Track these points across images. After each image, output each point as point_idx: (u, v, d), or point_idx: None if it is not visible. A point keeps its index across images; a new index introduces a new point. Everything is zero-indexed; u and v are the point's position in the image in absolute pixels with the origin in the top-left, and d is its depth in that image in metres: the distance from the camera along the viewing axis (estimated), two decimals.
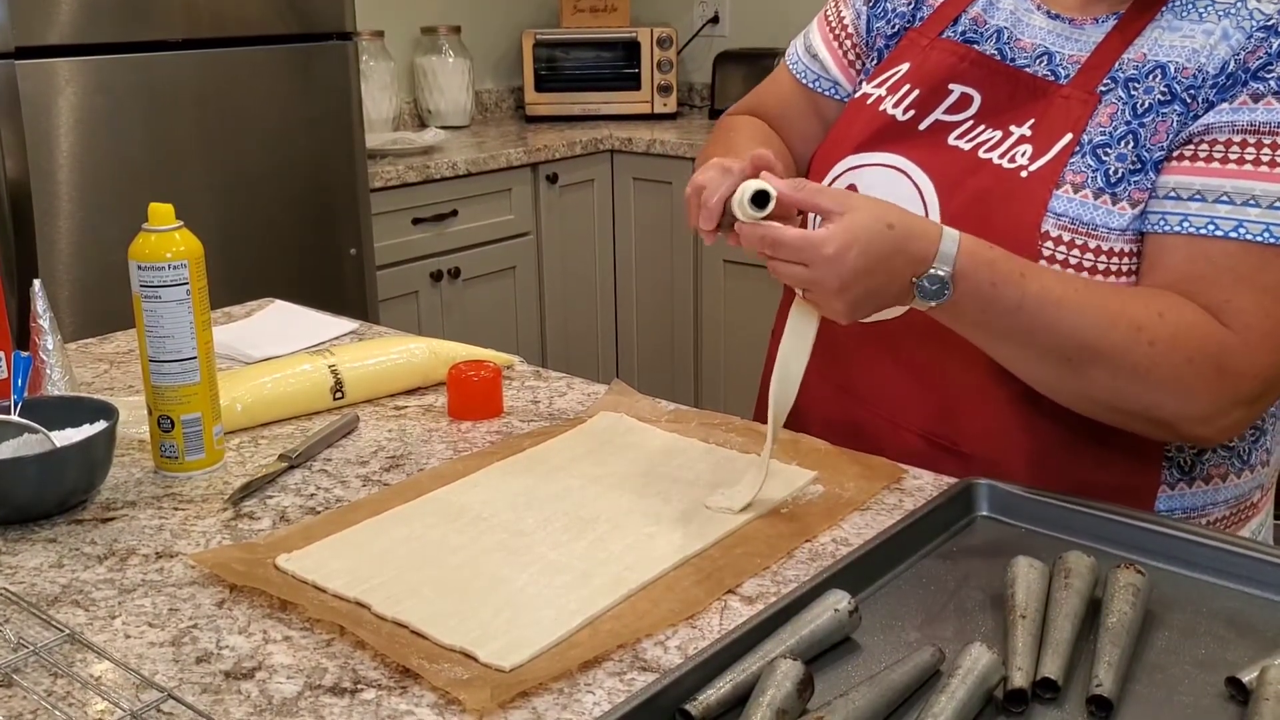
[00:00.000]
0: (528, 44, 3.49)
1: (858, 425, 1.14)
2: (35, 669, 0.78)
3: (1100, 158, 1.02)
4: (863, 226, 0.91)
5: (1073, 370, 0.98)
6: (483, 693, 0.73)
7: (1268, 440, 1.09)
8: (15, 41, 2.04)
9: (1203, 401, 0.96)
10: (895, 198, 1.06)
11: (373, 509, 0.99)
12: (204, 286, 1.05)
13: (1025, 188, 1.03)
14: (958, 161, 1.08)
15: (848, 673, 0.78)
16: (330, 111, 2.51)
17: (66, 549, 0.94)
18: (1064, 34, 1.08)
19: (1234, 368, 0.95)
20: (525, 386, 1.30)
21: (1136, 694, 0.75)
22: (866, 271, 0.91)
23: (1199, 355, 0.95)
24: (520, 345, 3.12)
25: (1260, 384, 0.96)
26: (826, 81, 1.30)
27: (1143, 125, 1.01)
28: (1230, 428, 0.99)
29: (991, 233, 0.99)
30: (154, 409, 1.06)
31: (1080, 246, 1.01)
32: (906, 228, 0.93)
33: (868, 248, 0.91)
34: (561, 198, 3.16)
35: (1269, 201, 0.95)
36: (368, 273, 2.62)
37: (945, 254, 0.93)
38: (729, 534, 0.94)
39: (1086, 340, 0.95)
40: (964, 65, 1.13)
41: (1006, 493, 0.98)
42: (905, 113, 1.14)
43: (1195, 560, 0.90)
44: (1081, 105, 1.04)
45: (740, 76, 3.47)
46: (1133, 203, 1.00)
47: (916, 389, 1.10)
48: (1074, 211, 1.01)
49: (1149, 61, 1.02)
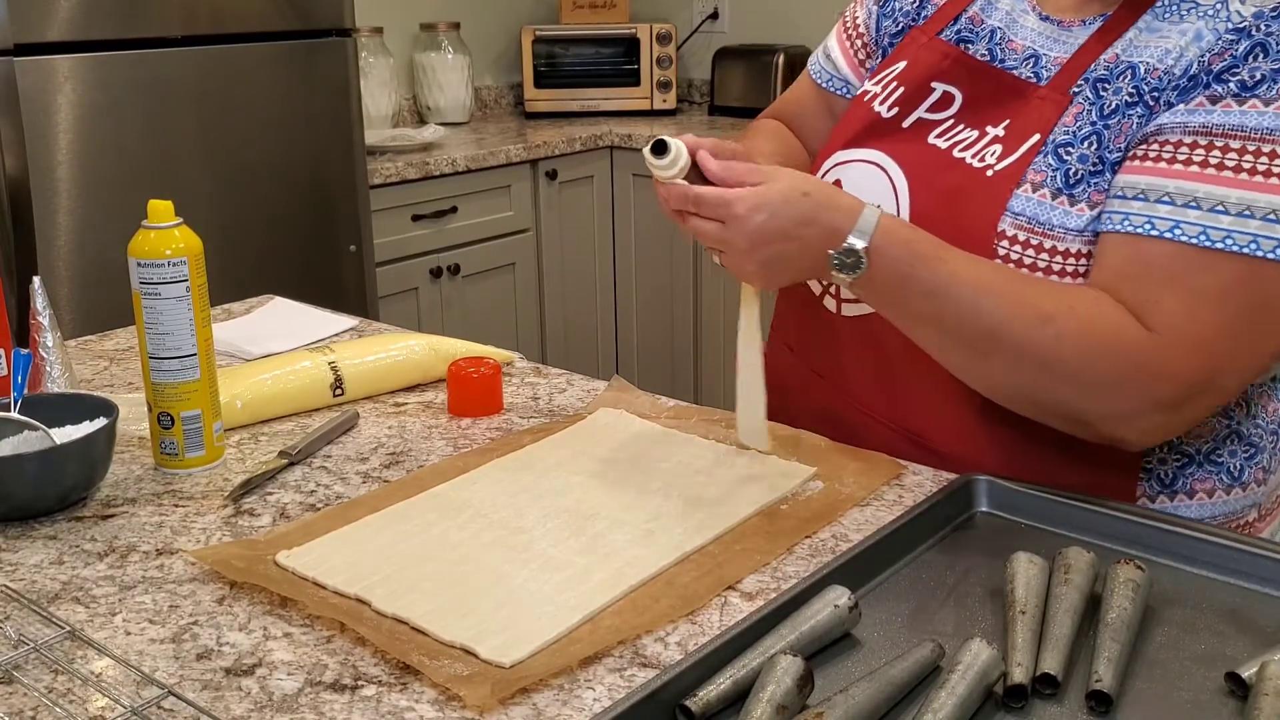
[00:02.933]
0: (527, 40, 3.48)
1: (836, 414, 1.15)
2: (36, 666, 0.78)
3: (1062, 158, 1.01)
4: (776, 190, 0.95)
5: (981, 358, 0.98)
6: (483, 689, 0.73)
7: (1264, 458, 1.06)
8: (14, 38, 2.04)
9: (1115, 400, 0.95)
10: (872, 192, 1.08)
11: (373, 505, 0.99)
12: (204, 283, 1.05)
13: (989, 186, 1.03)
14: (933, 159, 1.09)
15: (848, 668, 0.78)
16: (329, 108, 2.50)
17: (67, 546, 0.94)
18: (1053, 36, 1.08)
19: (1149, 368, 0.93)
20: (525, 383, 1.30)
21: (1136, 689, 0.75)
22: (778, 234, 0.95)
23: (1109, 352, 0.93)
24: (520, 342, 3.12)
25: (1181, 388, 0.94)
26: (839, 81, 1.32)
27: (1107, 127, 1.00)
28: (1152, 430, 0.97)
29: (955, 230, 1.00)
30: (154, 406, 1.06)
31: (1035, 246, 1.00)
32: (823, 197, 0.96)
33: (778, 210, 0.94)
34: (561, 194, 3.16)
35: (1210, 205, 0.93)
36: (367, 269, 2.63)
37: (862, 229, 0.96)
38: (729, 530, 0.94)
39: (992, 327, 0.95)
40: (946, 64, 1.14)
41: (1006, 488, 0.98)
42: (890, 110, 1.15)
43: (1195, 556, 0.90)
44: (1054, 106, 1.03)
45: (740, 73, 3.47)
46: (1091, 204, 0.99)
47: (892, 383, 1.11)
48: (1031, 211, 1.01)
49: (1121, 62, 1.01)
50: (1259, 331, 0.94)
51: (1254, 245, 0.92)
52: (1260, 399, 1.06)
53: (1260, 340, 0.95)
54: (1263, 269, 0.92)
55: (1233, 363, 0.95)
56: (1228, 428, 1.05)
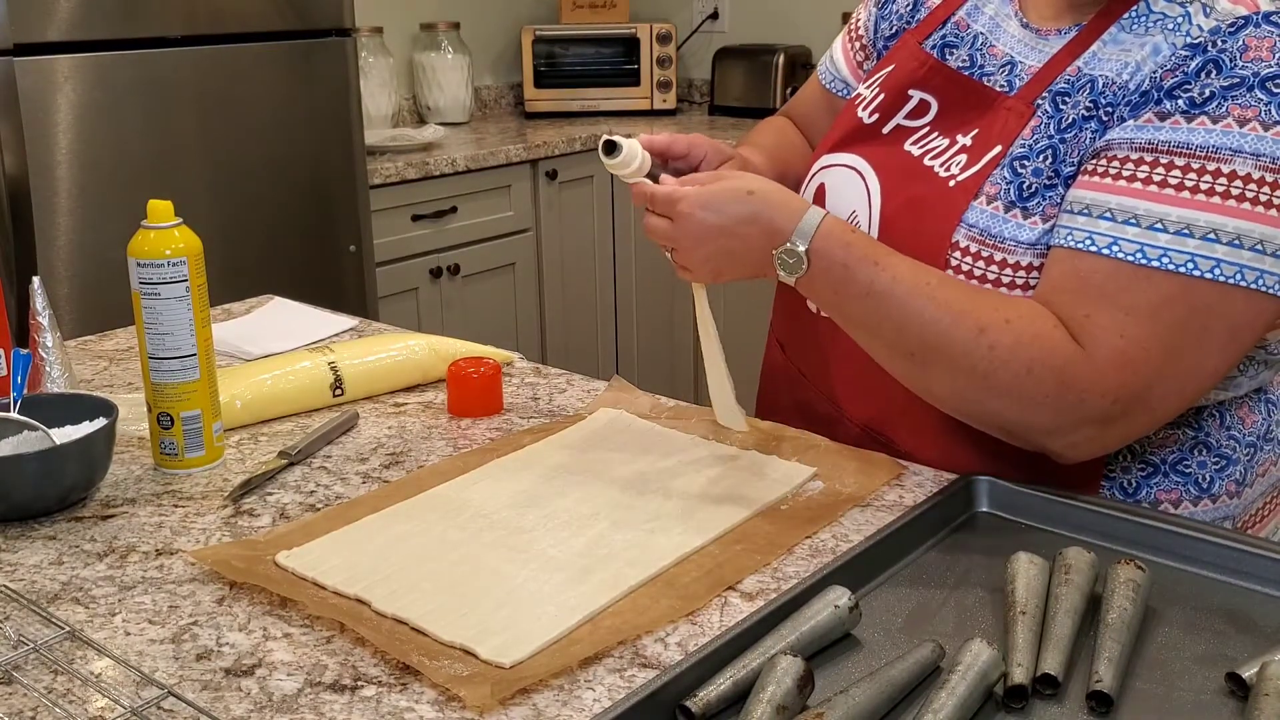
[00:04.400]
0: (527, 40, 3.48)
1: (816, 412, 1.17)
2: (35, 666, 0.78)
3: (1017, 170, 1.01)
4: (722, 188, 0.99)
5: (918, 364, 0.98)
6: (483, 689, 0.73)
7: (1238, 470, 1.05)
8: (14, 38, 2.04)
9: (1044, 414, 0.94)
10: (849, 197, 1.09)
11: (373, 506, 0.99)
12: (203, 283, 1.05)
13: (948, 197, 1.03)
14: (905, 167, 1.09)
15: (848, 669, 0.78)
16: (329, 108, 2.50)
17: (66, 546, 0.94)
18: (1030, 44, 1.07)
19: (1077, 383, 0.92)
20: (525, 383, 1.30)
21: (1136, 690, 0.75)
22: (721, 231, 0.98)
23: (1039, 366, 0.93)
24: (520, 342, 3.12)
25: (1108, 404, 0.93)
26: (840, 83, 1.33)
27: (1064, 141, 0.99)
28: (1082, 444, 0.96)
29: (914, 239, 1.01)
30: (153, 406, 1.06)
31: (985, 259, 1.00)
32: (766, 197, 0.99)
33: (722, 207, 0.98)
34: (561, 194, 3.16)
35: (1149, 222, 0.92)
36: (367, 269, 2.62)
37: (803, 230, 0.97)
38: (729, 530, 0.94)
39: (927, 335, 0.95)
40: (924, 72, 1.14)
41: (1006, 489, 0.98)
42: (871, 116, 1.15)
43: (1195, 556, 0.90)
44: (1016, 118, 1.03)
45: (740, 72, 3.47)
46: (1045, 218, 0.99)
47: (861, 383, 1.12)
48: (984, 223, 1.00)
49: (1082, 75, 1.01)
50: (1194, 350, 0.93)
51: (1190, 265, 0.91)
52: (1238, 410, 1.05)
53: (1196, 359, 0.93)
54: (1198, 288, 0.91)
55: (1164, 381, 0.93)
56: (1194, 438, 1.04)
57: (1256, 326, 0.94)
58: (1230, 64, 0.92)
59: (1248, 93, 0.91)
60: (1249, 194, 0.90)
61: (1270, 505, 1.11)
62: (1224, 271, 0.90)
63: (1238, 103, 0.91)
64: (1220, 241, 0.90)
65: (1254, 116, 0.90)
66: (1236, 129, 0.90)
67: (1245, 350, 0.96)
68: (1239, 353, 0.95)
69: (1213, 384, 0.96)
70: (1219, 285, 0.91)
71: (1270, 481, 1.09)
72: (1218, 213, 0.90)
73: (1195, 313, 0.92)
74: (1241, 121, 0.90)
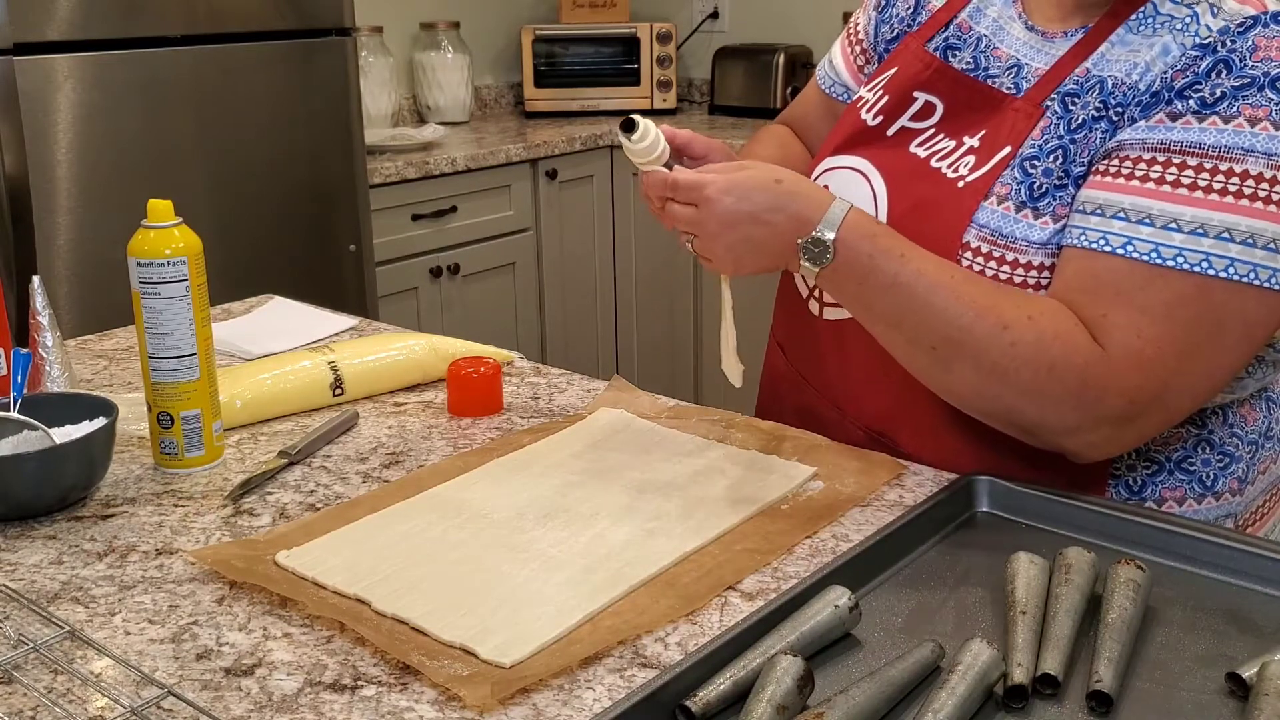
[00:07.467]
0: (527, 39, 3.48)
1: (815, 413, 1.17)
2: (35, 666, 0.78)
3: (1027, 171, 1.01)
4: (748, 176, 0.98)
5: (938, 361, 0.97)
6: (483, 689, 0.73)
7: (1240, 468, 1.05)
8: (13, 38, 2.04)
9: (1063, 413, 0.95)
10: (854, 199, 1.09)
11: (372, 505, 0.99)
12: (203, 283, 1.05)
13: (958, 198, 1.03)
14: (911, 168, 1.09)
15: (848, 669, 0.78)
16: (329, 107, 2.50)
17: (66, 546, 0.94)
18: (1036, 46, 1.07)
19: (1096, 383, 0.93)
20: (525, 383, 1.29)
21: (1136, 690, 0.75)
22: (747, 219, 0.97)
23: (1060, 365, 0.93)
24: (520, 341, 3.12)
25: (1126, 403, 0.93)
26: (840, 87, 1.33)
27: (1074, 141, 1.00)
28: (1100, 444, 0.97)
29: (923, 239, 1.00)
30: (153, 405, 1.06)
31: (997, 259, 1.00)
32: (794, 186, 0.98)
33: (747, 194, 0.97)
34: (561, 193, 3.16)
35: (1163, 222, 0.93)
36: (367, 269, 2.62)
37: (830, 219, 0.97)
38: (729, 530, 0.94)
39: (951, 331, 0.95)
40: (928, 74, 1.14)
41: (1007, 488, 0.98)
42: (876, 118, 1.15)
43: (1196, 556, 0.90)
44: (1025, 119, 1.03)
45: (740, 72, 3.47)
46: (1056, 218, 0.99)
47: (865, 385, 1.12)
48: (995, 223, 1.01)
49: (1091, 77, 1.01)
50: (1209, 349, 0.93)
51: (1205, 264, 0.91)
52: (1241, 409, 1.05)
53: (1211, 358, 0.94)
54: (1213, 287, 0.91)
55: (1181, 380, 0.94)
56: (1198, 436, 1.04)
57: (1269, 324, 0.94)
58: (1240, 64, 0.93)
59: (1258, 92, 0.91)
60: (1261, 193, 0.91)
61: (1270, 503, 1.11)
62: (1238, 270, 0.91)
63: (1249, 102, 0.91)
64: (1234, 241, 0.91)
65: (1265, 116, 0.91)
66: (1248, 129, 0.91)
67: (1258, 348, 0.96)
68: (1251, 351, 0.96)
69: (1226, 383, 0.97)
70: (1233, 284, 0.91)
71: (1271, 479, 1.10)
72: (1231, 212, 0.91)
73: (1210, 311, 0.92)
74: (1253, 121, 0.91)
